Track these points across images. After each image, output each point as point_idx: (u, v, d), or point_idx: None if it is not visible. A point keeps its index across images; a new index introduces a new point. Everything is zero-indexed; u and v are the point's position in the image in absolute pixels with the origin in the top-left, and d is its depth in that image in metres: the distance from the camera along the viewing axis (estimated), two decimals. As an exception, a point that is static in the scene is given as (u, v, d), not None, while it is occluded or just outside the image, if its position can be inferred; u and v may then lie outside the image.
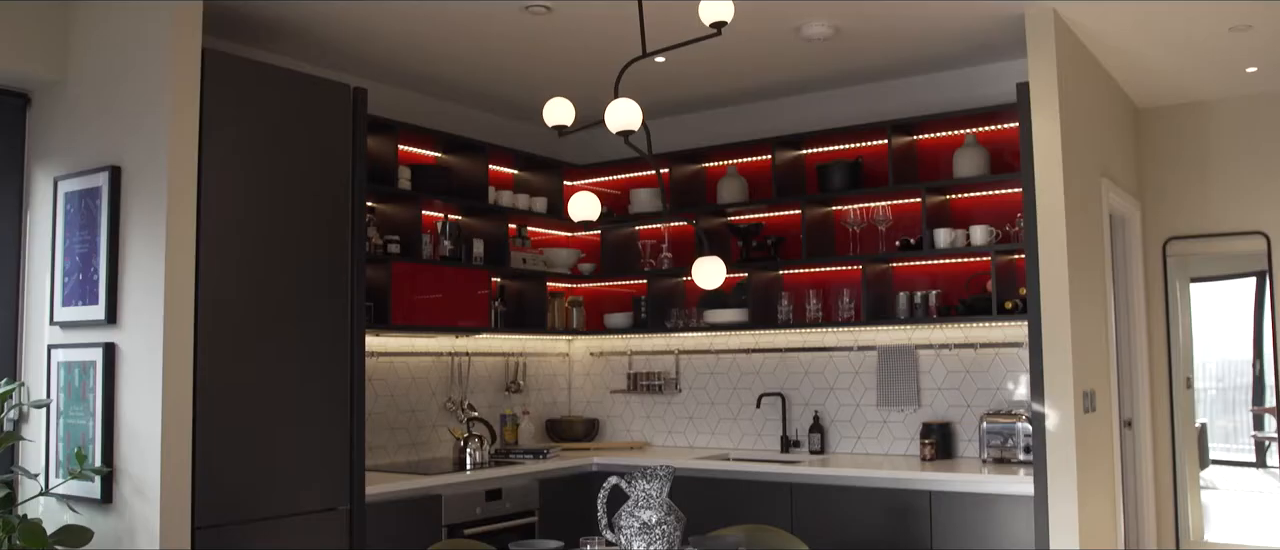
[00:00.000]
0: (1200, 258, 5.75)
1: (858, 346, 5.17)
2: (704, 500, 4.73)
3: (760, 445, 5.43)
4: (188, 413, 3.42)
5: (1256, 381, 5.87)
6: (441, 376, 5.29)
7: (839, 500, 4.46)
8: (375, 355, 4.89)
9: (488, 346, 5.58)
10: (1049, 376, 4.08)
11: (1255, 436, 6.00)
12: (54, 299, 3.72)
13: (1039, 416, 4.08)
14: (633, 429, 5.91)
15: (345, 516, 3.91)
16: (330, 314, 3.92)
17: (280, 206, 3.77)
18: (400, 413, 5.04)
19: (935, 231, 4.71)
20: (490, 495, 4.60)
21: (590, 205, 3.69)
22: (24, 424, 3.81)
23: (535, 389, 5.87)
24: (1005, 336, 4.76)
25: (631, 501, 2.99)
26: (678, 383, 5.74)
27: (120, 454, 3.46)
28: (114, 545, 3.45)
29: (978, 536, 4.14)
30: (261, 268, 3.69)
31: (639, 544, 2.93)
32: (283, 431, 3.72)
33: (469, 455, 4.79)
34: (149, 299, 3.40)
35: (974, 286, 4.79)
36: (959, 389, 4.87)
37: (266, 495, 3.64)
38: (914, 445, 4.95)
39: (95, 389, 3.51)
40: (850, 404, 5.17)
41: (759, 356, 5.47)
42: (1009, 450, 4.48)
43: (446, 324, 4.94)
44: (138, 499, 3.39)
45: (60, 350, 3.68)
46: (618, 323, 5.72)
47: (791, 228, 5.29)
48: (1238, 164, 5.51)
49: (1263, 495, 5.70)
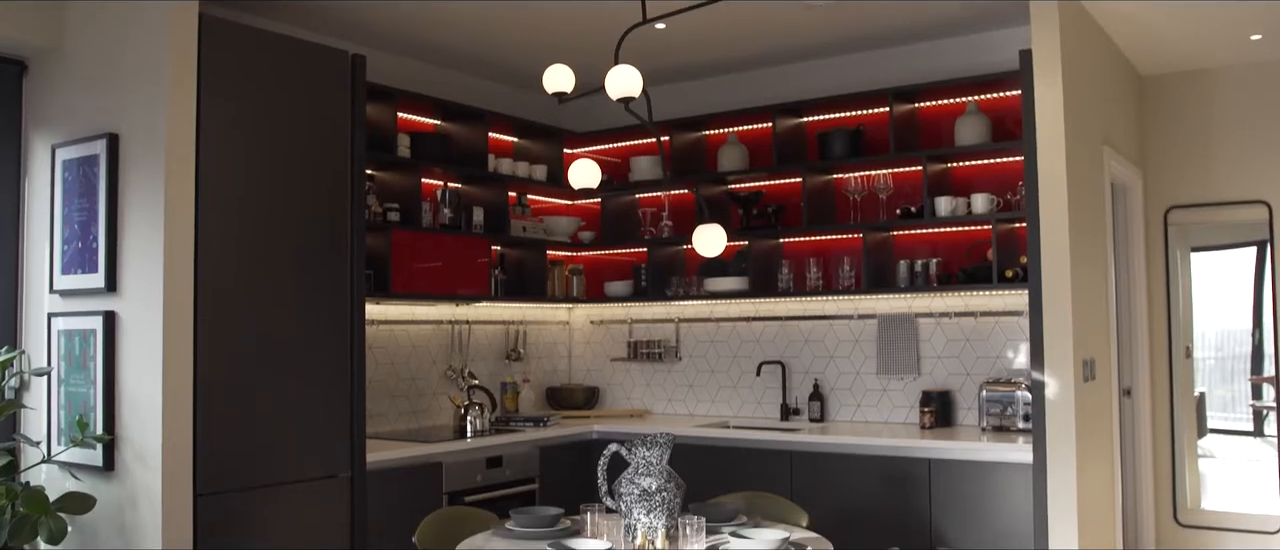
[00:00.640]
0: (1201, 227, 5.73)
1: (858, 315, 5.17)
2: (704, 468, 4.75)
3: (760, 413, 5.44)
4: (188, 381, 3.42)
5: (1255, 351, 5.87)
6: (442, 344, 5.30)
7: (838, 468, 4.47)
8: (375, 323, 4.89)
9: (488, 314, 5.58)
10: (1049, 345, 4.08)
11: (1253, 406, 6.01)
12: (53, 267, 3.71)
13: (1038, 385, 4.09)
14: (633, 397, 5.92)
15: (346, 484, 3.93)
16: (330, 282, 3.92)
17: (280, 174, 3.76)
18: (401, 381, 5.05)
19: (936, 200, 4.69)
20: (491, 463, 4.62)
21: (590, 173, 3.68)
22: (25, 392, 3.81)
23: (535, 357, 5.88)
24: (1005, 305, 4.76)
25: (632, 469, 3.00)
26: (678, 351, 5.75)
27: (121, 422, 3.47)
28: (116, 512, 3.47)
29: (976, 504, 4.16)
30: (261, 235, 3.68)
31: (639, 511, 2.94)
32: (283, 399, 3.72)
33: (469, 423, 4.81)
34: (148, 267, 3.40)
35: (975, 255, 4.78)
36: (959, 357, 4.87)
37: (268, 463, 3.65)
38: (913, 413, 4.96)
39: (96, 357, 3.51)
40: (850, 372, 5.18)
41: (759, 324, 5.48)
42: (1008, 418, 4.49)
43: (446, 292, 4.94)
44: (139, 466, 3.40)
45: (60, 318, 3.68)
46: (618, 291, 5.72)
47: (792, 196, 5.28)
48: (1241, 132, 5.49)
49: (1260, 464, 5.71)
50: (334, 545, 3.87)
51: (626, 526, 2.99)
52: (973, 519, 4.17)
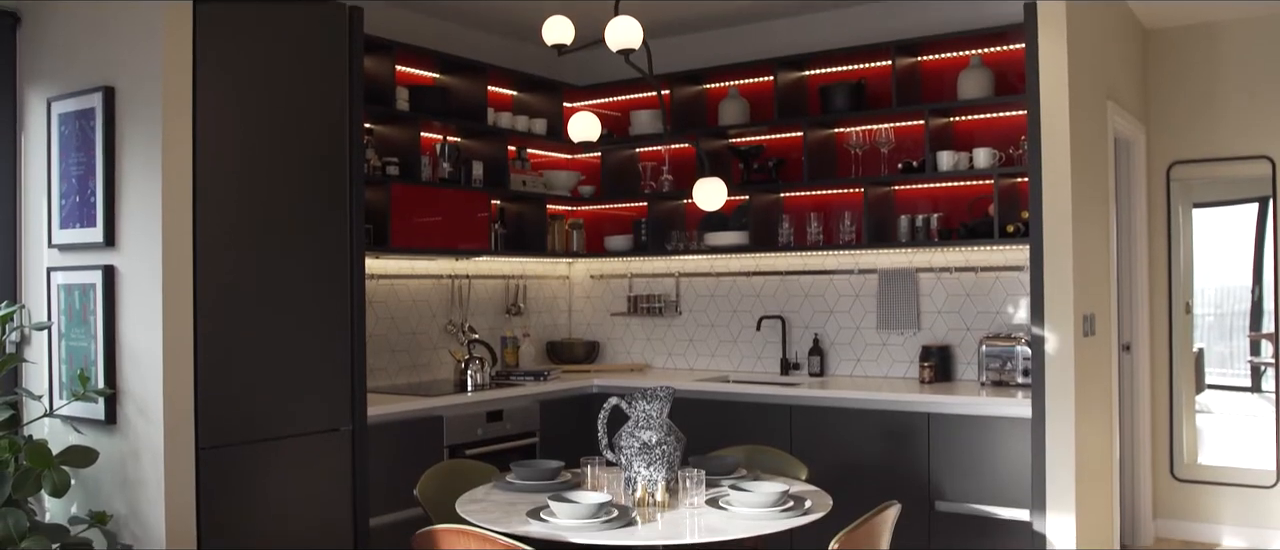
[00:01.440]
0: (1203, 183, 5.71)
1: (858, 269, 5.16)
2: (704, 422, 4.77)
3: (760, 368, 5.46)
4: (189, 335, 3.42)
5: (1254, 307, 5.87)
6: (442, 299, 5.30)
7: (838, 422, 4.49)
8: (375, 277, 4.89)
9: (488, 269, 5.58)
10: (1049, 300, 4.08)
11: (1251, 362, 6.03)
12: (51, 221, 3.70)
13: (1038, 339, 4.09)
14: (633, 351, 5.93)
15: (347, 437, 3.94)
16: (329, 236, 3.91)
17: (278, 127, 3.73)
18: (401, 335, 5.06)
19: (938, 154, 4.67)
20: (491, 416, 4.64)
21: (590, 126, 3.66)
22: (26, 346, 3.82)
23: (535, 311, 5.89)
24: (1006, 260, 4.75)
25: (632, 422, 3.01)
26: (678, 305, 5.76)
27: (123, 376, 3.47)
28: (119, 465, 3.48)
29: (975, 458, 4.18)
30: (260, 189, 3.66)
31: (639, 464, 2.96)
32: (284, 353, 3.73)
33: (470, 377, 4.82)
34: (147, 222, 3.38)
35: (976, 210, 4.76)
36: (959, 312, 4.88)
37: (269, 416, 3.67)
38: (913, 368, 4.97)
39: (96, 311, 3.51)
40: (850, 327, 5.18)
41: (759, 279, 5.47)
42: (1007, 373, 4.50)
43: (446, 246, 4.93)
44: (141, 420, 3.41)
45: (60, 273, 3.67)
46: (618, 245, 5.71)
47: (793, 150, 5.26)
48: (1246, 87, 5.45)
49: (1257, 420, 5.74)
50: (336, 498, 3.89)
51: (627, 479, 3.01)
52: (971, 473, 4.19)
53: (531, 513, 2.82)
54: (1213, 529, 5.59)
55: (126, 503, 3.47)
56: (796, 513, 2.82)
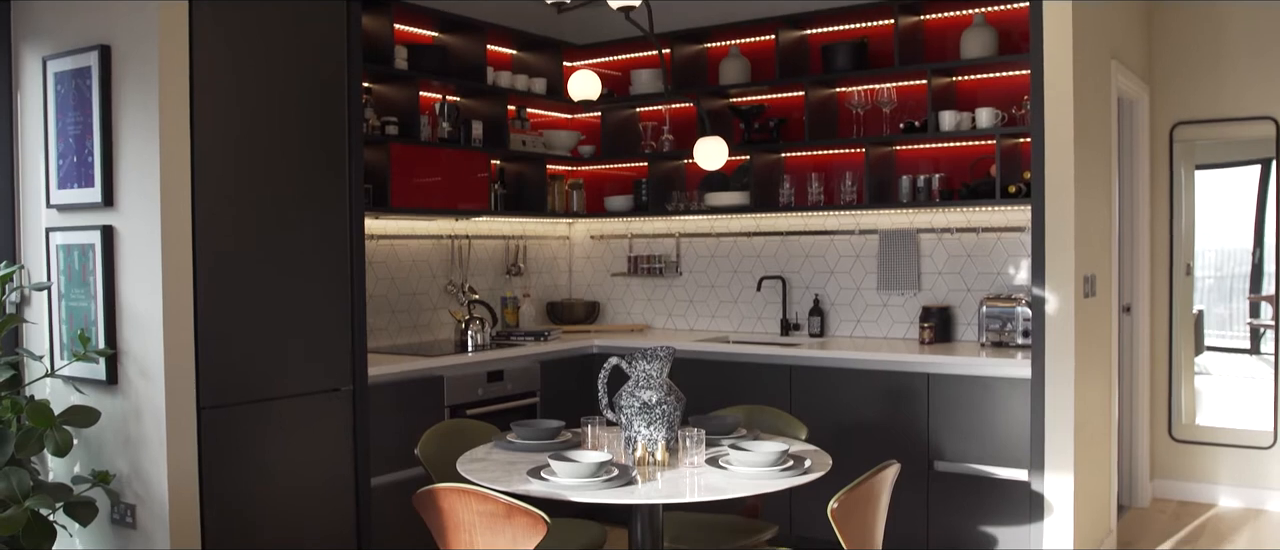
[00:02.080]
0: (1206, 144, 5.68)
1: (859, 230, 5.15)
2: (704, 382, 4.79)
3: (760, 328, 5.46)
4: (188, 295, 3.42)
5: (1255, 270, 5.87)
6: (442, 259, 5.29)
7: (838, 382, 4.50)
8: (375, 238, 4.88)
9: (488, 229, 5.57)
10: (1050, 261, 4.07)
11: (1250, 324, 6.04)
12: (49, 181, 3.68)
13: (1039, 300, 4.09)
14: (633, 312, 5.94)
15: (348, 397, 3.95)
16: (329, 196, 3.89)
17: (277, 87, 3.70)
18: (401, 295, 5.06)
19: (940, 114, 4.64)
20: (492, 376, 4.65)
21: (590, 84, 3.63)
22: (26, 307, 3.81)
23: (536, 272, 5.88)
24: (1007, 221, 4.74)
25: (632, 382, 3.01)
26: (678, 266, 5.75)
27: (123, 336, 3.47)
28: (121, 425, 3.49)
29: (974, 418, 4.19)
30: (258, 149, 3.64)
31: (639, 423, 2.97)
32: (284, 313, 3.73)
33: (470, 337, 4.82)
34: (145, 182, 3.37)
35: (978, 170, 4.74)
36: (959, 273, 4.87)
37: (270, 376, 3.67)
38: (913, 329, 4.98)
39: (95, 272, 3.50)
40: (850, 287, 5.18)
41: (760, 240, 5.46)
42: (1007, 334, 4.51)
43: (446, 207, 4.92)
44: (143, 380, 3.42)
45: (58, 233, 3.66)
46: (618, 206, 5.70)
47: (794, 110, 5.23)
48: (1251, 47, 5.40)
49: (1255, 381, 5.76)
50: (337, 458, 3.91)
51: (627, 439, 3.02)
52: (970, 433, 4.21)
53: (532, 472, 2.83)
54: (1210, 489, 5.62)
55: (129, 462, 3.48)
56: (796, 472, 2.83)
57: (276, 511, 3.69)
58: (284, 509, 3.72)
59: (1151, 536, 5.01)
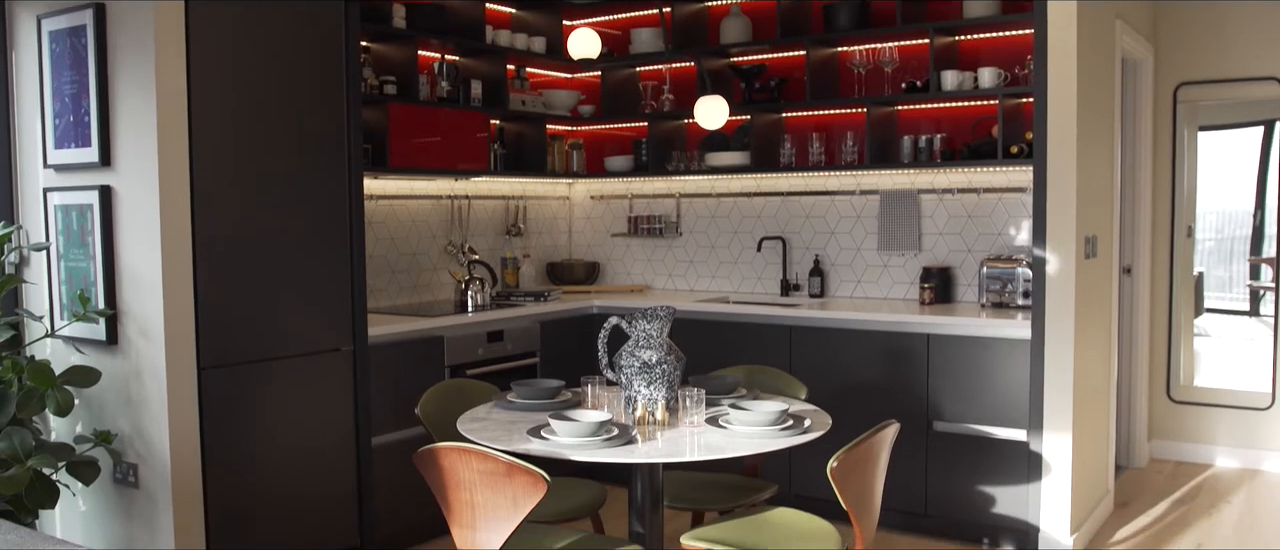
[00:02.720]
0: (1210, 105, 5.65)
1: (860, 190, 5.13)
2: (704, 342, 4.79)
3: (760, 289, 5.46)
4: (187, 255, 3.41)
5: (1256, 232, 5.86)
6: (441, 219, 5.28)
7: (837, 343, 4.51)
8: (374, 198, 4.86)
9: (487, 189, 5.55)
10: (1052, 222, 4.06)
11: (1250, 285, 6.04)
12: (46, 141, 3.66)
13: (1040, 261, 4.08)
14: (633, 272, 5.93)
15: (349, 357, 3.96)
16: (327, 156, 3.87)
17: (275, 45, 3.67)
18: (401, 256, 5.05)
19: (942, 74, 4.61)
20: (492, 337, 4.65)
21: (590, 42, 3.60)
22: (25, 267, 3.81)
23: (535, 232, 5.87)
24: (1009, 181, 4.72)
25: (632, 341, 3.01)
26: (678, 226, 5.74)
27: (123, 296, 3.47)
28: (122, 385, 3.50)
29: (974, 379, 4.20)
30: (255, 108, 3.61)
31: (639, 383, 2.97)
32: (284, 274, 3.72)
33: (470, 298, 4.82)
34: (142, 142, 3.35)
35: (980, 130, 4.72)
36: (960, 234, 4.86)
37: (270, 337, 3.67)
38: (913, 290, 4.97)
39: (94, 232, 3.49)
40: (851, 248, 5.17)
41: (760, 200, 5.45)
42: (1008, 295, 4.50)
43: (445, 166, 4.90)
44: (143, 340, 3.42)
45: (56, 194, 3.64)
46: (618, 166, 5.67)
47: (795, 69, 5.19)
48: (1257, 6, 5.35)
49: (1254, 343, 5.77)
50: (338, 417, 3.92)
51: (627, 398, 3.02)
52: (969, 393, 4.22)
53: (532, 431, 2.84)
54: (1207, 450, 5.65)
55: (130, 422, 3.49)
56: (795, 431, 2.84)
57: (278, 470, 3.71)
58: (285, 468, 3.73)
59: (1148, 496, 5.04)
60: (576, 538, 2.91)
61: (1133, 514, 4.75)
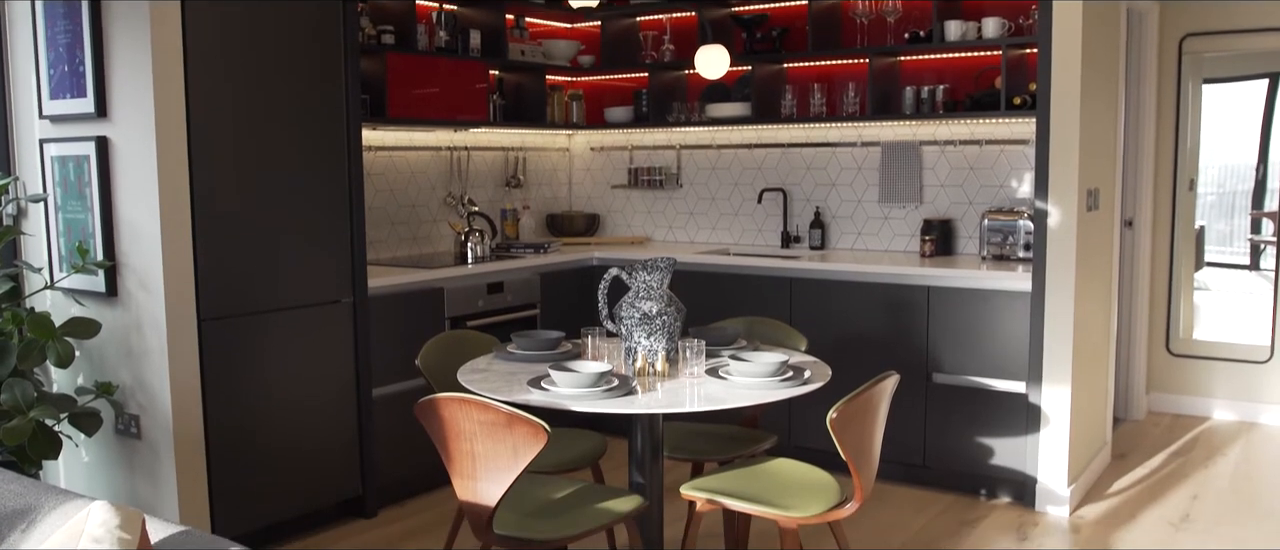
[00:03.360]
0: (1215, 58, 5.60)
1: (861, 142, 5.10)
2: (704, 294, 4.79)
3: (761, 241, 5.45)
4: (186, 207, 3.40)
5: (1258, 186, 5.84)
6: (441, 171, 5.25)
7: (838, 295, 4.51)
8: (373, 149, 4.83)
9: (487, 141, 5.52)
10: (1054, 174, 4.04)
11: (1251, 240, 6.02)
12: (41, 92, 3.63)
13: (1041, 213, 4.07)
14: (633, 224, 5.92)
15: (349, 309, 3.96)
16: (325, 106, 3.84)
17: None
18: (400, 207, 5.03)
19: (946, 24, 4.56)
20: (492, 289, 4.65)
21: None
22: (23, 219, 3.79)
23: (535, 184, 5.85)
24: (1011, 133, 4.69)
25: (632, 293, 3.01)
26: (679, 178, 5.71)
27: (122, 248, 3.46)
28: (123, 336, 3.50)
29: (973, 331, 4.20)
30: (251, 58, 3.58)
31: (640, 334, 2.97)
32: (283, 225, 3.71)
33: (470, 249, 4.81)
34: (138, 92, 3.32)
35: (983, 81, 4.68)
36: (962, 186, 4.84)
37: (270, 288, 3.67)
38: (914, 242, 4.96)
39: (91, 183, 3.47)
40: (852, 200, 5.15)
41: (761, 152, 5.42)
42: (1009, 248, 4.49)
43: (444, 117, 4.86)
44: (142, 292, 3.42)
45: (52, 145, 3.62)
46: (618, 117, 5.64)
47: (797, 19, 5.13)
48: (1264, -46, 5.29)
49: (1253, 297, 5.77)
50: (339, 368, 3.93)
51: (627, 349, 3.02)
52: (969, 345, 4.22)
53: (532, 382, 2.84)
54: (1204, 402, 5.67)
55: (131, 373, 3.50)
56: (795, 382, 2.84)
57: (279, 421, 3.73)
58: (287, 419, 3.75)
59: (1146, 448, 5.06)
60: (577, 488, 2.93)
61: (1130, 466, 4.77)
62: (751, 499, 2.82)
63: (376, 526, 4.05)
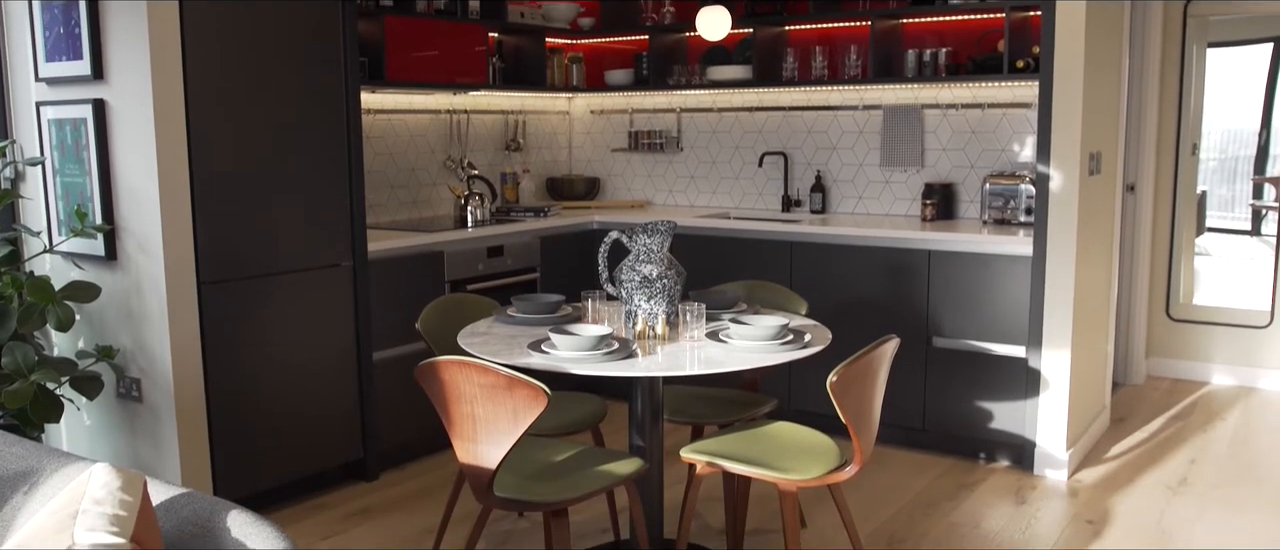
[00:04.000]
0: (1220, 21, 5.55)
1: (863, 105, 5.07)
2: (705, 258, 4.78)
3: (762, 204, 5.44)
4: (184, 170, 3.38)
5: (1261, 151, 5.81)
6: (440, 134, 5.23)
7: (838, 259, 4.50)
8: (372, 113, 4.81)
9: (486, 104, 5.49)
10: (1056, 137, 4.02)
11: (1253, 205, 6.01)
12: (37, 54, 3.60)
13: (1043, 178, 4.05)
14: (633, 188, 5.90)
15: (349, 272, 3.96)
16: (323, 69, 3.82)
17: (265, -46, 3.59)
18: (400, 171, 5.02)
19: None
20: (492, 252, 4.64)
21: (590, -47, 3.50)
22: (21, 183, 3.78)
23: (535, 147, 5.83)
24: (1014, 97, 4.66)
25: (632, 256, 3.00)
26: (679, 141, 5.69)
27: (120, 211, 3.45)
28: (123, 300, 3.50)
29: (974, 295, 4.20)
30: (250, 20, 3.55)
31: (640, 297, 2.97)
32: (283, 189, 3.69)
33: (470, 213, 4.80)
34: (135, 54, 3.29)
35: (985, 44, 4.64)
36: (964, 150, 4.82)
37: (270, 252, 3.66)
38: (915, 206, 4.95)
39: (89, 147, 3.46)
40: (853, 164, 5.14)
41: (762, 115, 5.39)
42: (1010, 212, 4.48)
43: (443, 80, 4.83)
44: (142, 255, 3.41)
45: (49, 108, 3.59)
46: (619, 80, 5.60)
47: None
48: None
49: (1254, 262, 5.76)
50: (339, 332, 3.93)
51: (627, 312, 3.02)
52: (970, 310, 4.22)
53: (532, 345, 2.85)
54: (1204, 368, 5.68)
55: (132, 337, 3.50)
56: (795, 346, 2.84)
57: (280, 385, 3.74)
58: (287, 382, 3.76)
59: (1144, 412, 5.08)
60: (577, 451, 2.94)
61: (1128, 430, 4.79)
62: (751, 462, 2.82)
63: (378, 489, 4.07)
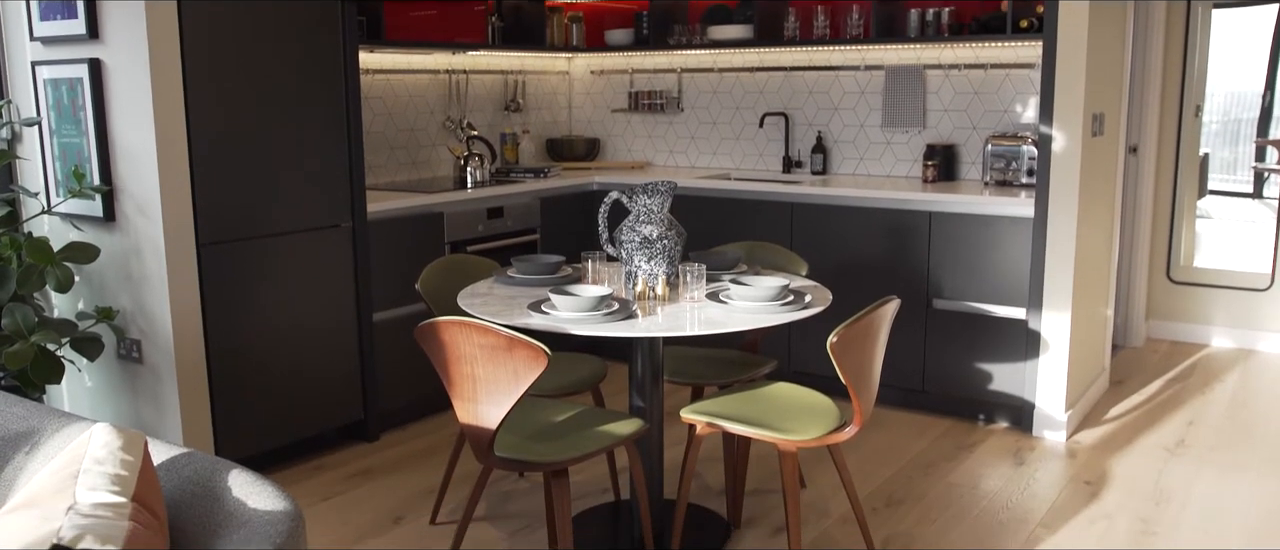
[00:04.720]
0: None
1: (864, 66, 5.04)
2: (705, 218, 4.77)
3: (762, 165, 5.42)
4: (182, 130, 3.36)
5: (1264, 113, 5.78)
6: (439, 95, 5.20)
7: (839, 220, 4.49)
8: (371, 73, 4.77)
9: (486, 64, 5.45)
10: (1059, 98, 3.99)
11: (1255, 168, 5.99)
12: (31, 13, 3.56)
13: (1046, 138, 4.03)
14: (634, 149, 5.87)
15: (348, 233, 3.94)
16: (320, 27, 3.78)
17: (260, -90, 3.55)
18: (399, 132, 4.99)
19: (953, -56, 4.47)
20: (491, 213, 4.63)
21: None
22: (18, 143, 3.76)
23: (535, 108, 5.79)
24: (1016, 57, 4.63)
25: (632, 217, 2.99)
26: (680, 102, 5.66)
27: (118, 172, 3.43)
28: (122, 261, 3.49)
29: (975, 257, 4.19)
30: (246, -23, 3.51)
31: (640, 258, 2.96)
32: (281, 149, 3.68)
33: (469, 174, 4.78)
34: (130, 13, 3.26)
35: (989, 3, 4.60)
36: (966, 111, 4.79)
37: (269, 213, 3.65)
38: (916, 167, 4.93)
39: (85, 107, 3.43)
40: (854, 125, 5.11)
41: (763, 75, 5.35)
42: (1012, 173, 4.46)
43: (442, 40, 4.79)
44: (140, 217, 3.40)
45: (45, 67, 3.57)
46: (618, 39, 5.56)
47: (802, -60, 5.04)
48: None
49: (1256, 225, 5.75)
50: (339, 293, 3.93)
51: (627, 273, 3.02)
52: (970, 271, 4.22)
53: (532, 306, 2.84)
54: (1203, 330, 5.68)
55: (131, 298, 3.50)
56: (796, 307, 2.84)
57: (281, 346, 3.74)
58: (288, 344, 3.76)
59: (1144, 375, 5.09)
60: (577, 411, 2.94)
61: (1127, 392, 4.80)
62: (751, 422, 2.83)
63: (378, 450, 4.09)
